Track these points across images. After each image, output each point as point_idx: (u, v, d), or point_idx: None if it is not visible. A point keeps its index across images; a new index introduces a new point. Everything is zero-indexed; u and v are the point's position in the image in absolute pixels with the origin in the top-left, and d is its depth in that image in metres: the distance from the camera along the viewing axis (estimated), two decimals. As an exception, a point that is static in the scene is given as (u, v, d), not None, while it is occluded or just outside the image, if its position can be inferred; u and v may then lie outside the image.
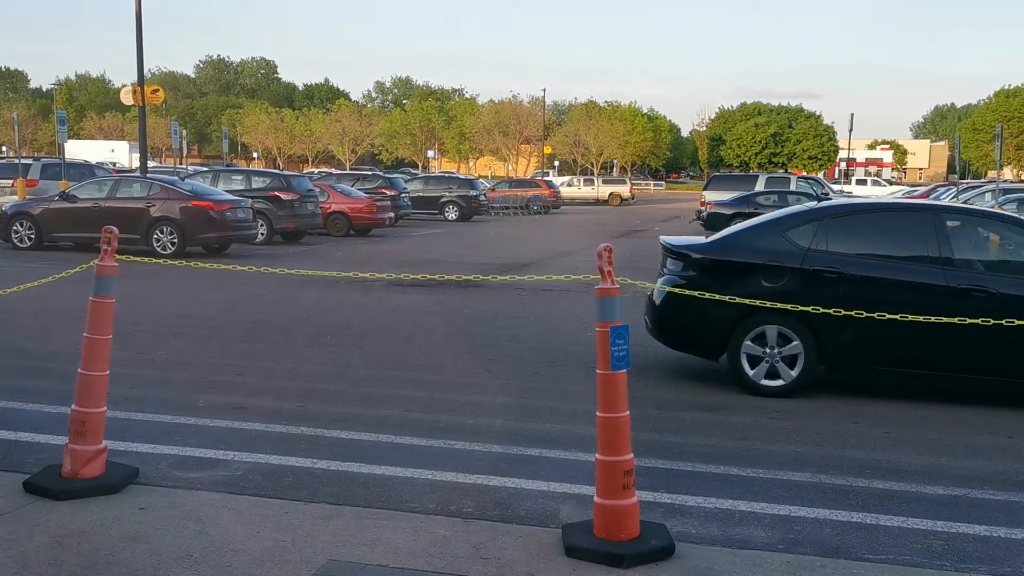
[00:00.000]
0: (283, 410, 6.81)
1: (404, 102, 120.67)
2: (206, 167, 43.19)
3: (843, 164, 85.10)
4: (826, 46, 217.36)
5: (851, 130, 72.57)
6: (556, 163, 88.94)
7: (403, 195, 32.79)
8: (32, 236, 19.53)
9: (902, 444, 6.33)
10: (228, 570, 4.01)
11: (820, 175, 76.37)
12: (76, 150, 62.41)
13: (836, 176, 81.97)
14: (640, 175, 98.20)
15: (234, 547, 4.25)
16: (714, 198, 29.48)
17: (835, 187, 43.38)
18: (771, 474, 5.60)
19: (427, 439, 6.16)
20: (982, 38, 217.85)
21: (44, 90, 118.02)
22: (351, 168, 75.84)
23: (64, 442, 5.02)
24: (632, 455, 4.28)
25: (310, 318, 11.37)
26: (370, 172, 41.19)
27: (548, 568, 4.10)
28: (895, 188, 55.57)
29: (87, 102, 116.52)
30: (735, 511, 4.96)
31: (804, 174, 58.36)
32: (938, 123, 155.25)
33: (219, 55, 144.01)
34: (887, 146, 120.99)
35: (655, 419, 6.71)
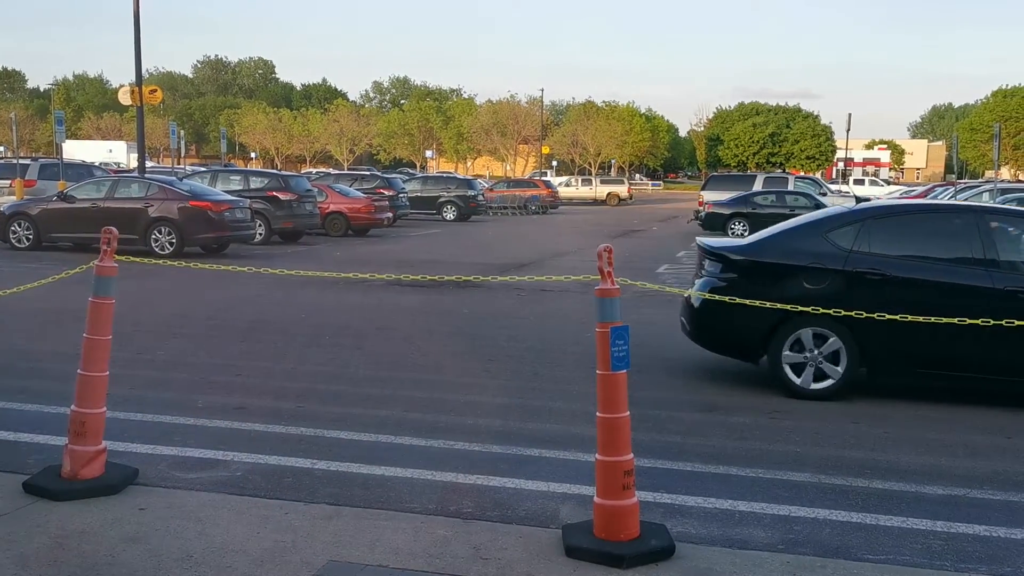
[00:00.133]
0: (282, 410, 6.81)
1: (402, 102, 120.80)
2: (204, 167, 43.17)
3: (841, 164, 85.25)
4: (824, 46, 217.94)
5: (848, 130, 72.77)
6: (554, 163, 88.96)
7: (401, 195, 32.78)
8: (30, 236, 19.53)
9: (902, 444, 6.34)
10: (228, 571, 4.01)
11: (818, 175, 76.38)
12: (74, 150, 62.46)
13: (834, 176, 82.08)
14: (638, 175, 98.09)
15: (234, 548, 4.24)
16: (712, 198, 29.49)
17: (833, 187, 43.36)
18: (771, 474, 5.60)
19: (427, 439, 6.16)
20: (980, 38, 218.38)
21: (42, 90, 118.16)
22: (349, 168, 75.84)
23: (64, 443, 5.02)
24: (632, 455, 4.29)
25: (309, 318, 11.37)
26: (368, 172, 41.17)
27: (548, 568, 4.10)
28: (893, 188, 55.56)
29: (85, 102, 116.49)
30: (735, 511, 4.97)
31: (802, 174, 58.51)
32: (936, 123, 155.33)
33: (217, 55, 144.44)
34: (885, 146, 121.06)
35: (655, 419, 6.72)
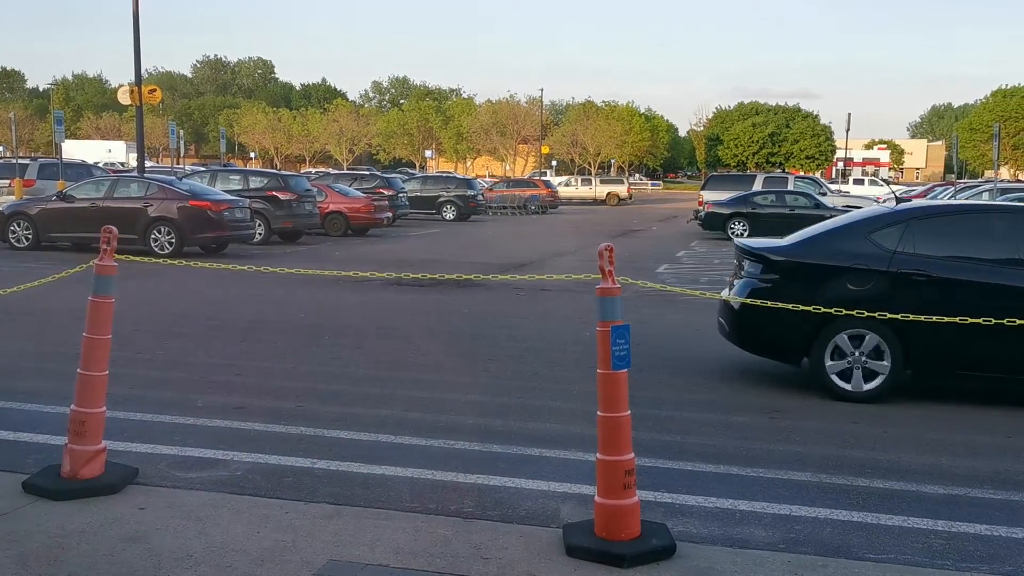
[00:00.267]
0: (282, 410, 6.80)
1: (401, 102, 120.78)
2: (203, 167, 43.14)
3: (840, 164, 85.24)
4: (823, 46, 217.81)
5: (848, 130, 72.86)
6: (554, 163, 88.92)
7: (401, 195, 32.77)
8: (29, 236, 19.52)
9: (902, 443, 6.33)
10: (228, 570, 4.00)
11: (817, 175, 76.39)
12: (73, 150, 62.44)
13: (833, 176, 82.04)
14: (638, 175, 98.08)
15: (234, 547, 4.24)
16: (712, 198, 29.49)
17: (832, 187, 43.36)
18: (772, 473, 5.60)
19: (427, 439, 6.15)
20: (980, 38, 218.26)
21: (41, 90, 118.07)
22: (349, 168, 75.83)
23: (63, 442, 5.01)
24: (633, 454, 4.28)
25: (309, 318, 11.36)
26: (368, 172, 41.17)
27: (549, 568, 4.10)
28: (892, 188, 55.57)
29: (84, 102, 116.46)
30: (736, 511, 4.96)
31: (801, 174, 58.50)
32: (935, 123, 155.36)
33: (216, 55, 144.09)
34: (884, 146, 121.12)
35: (656, 419, 6.71)
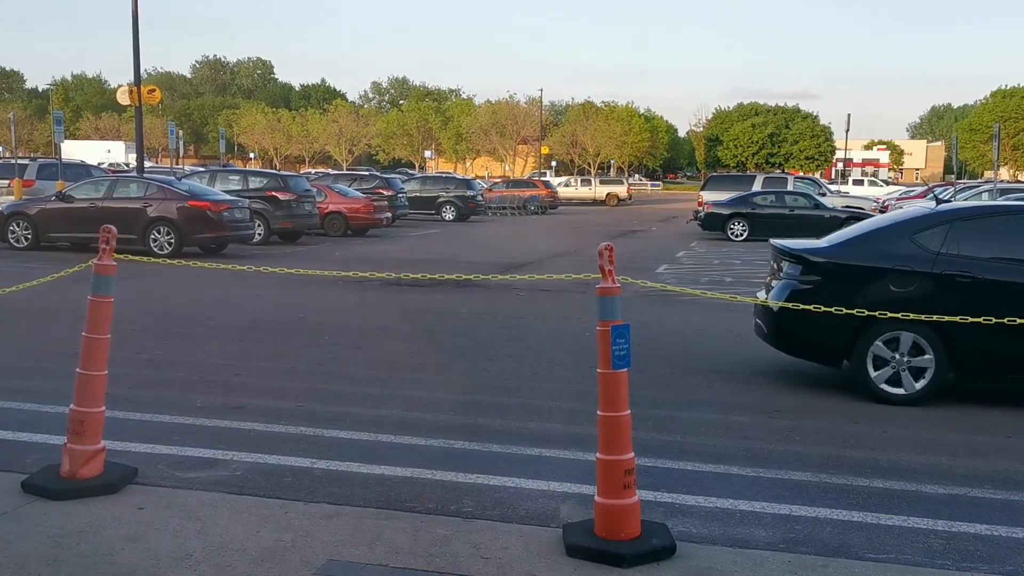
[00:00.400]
0: (282, 410, 6.80)
1: (401, 102, 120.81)
2: (203, 167, 43.15)
3: (840, 164, 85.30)
4: (823, 46, 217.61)
5: (848, 130, 72.98)
6: (553, 163, 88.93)
7: (400, 195, 32.77)
8: (29, 236, 19.52)
9: (902, 443, 6.33)
10: (228, 570, 4.00)
11: (817, 175, 76.41)
12: (72, 150, 62.39)
13: (833, 176, 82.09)
14: (637, 175, 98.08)
15: (233, 547, 4.23)
16: (711, 198, 29.49)
17: (832, 187, 43.37)
18: (772, 473, 5.59)
19: (426, 439, 6.15)
20: (980, 38, 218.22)
21: (40, 90, 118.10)
22: (348, 168, 75.86)
23: (62, 442, 5.00)
24: (633, 454, 4.28)
25: (308, 318, 11.36)
26: (367, 172, 41.15)
27: (549, 567, 4.09)
28: (892, 188, 55.59)
29: (83, 102, 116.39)
30: (736, 510, 4.96)
31: (801, 174, 58.51)
32: (935, 123, 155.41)
33: (215, 55, 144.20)
34: (884, 146, 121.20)
35: (656, 418, 6.70)
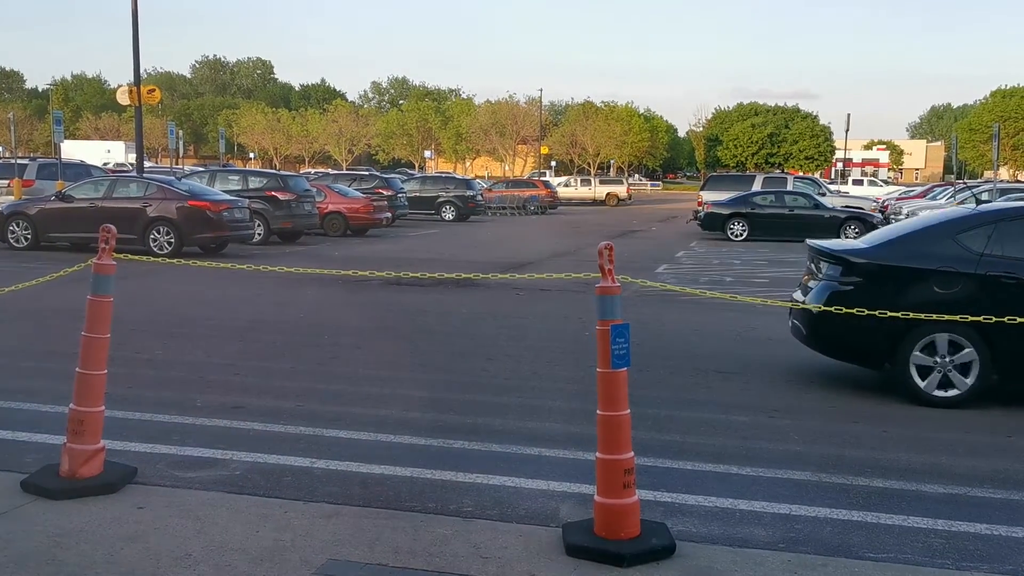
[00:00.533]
0: (281, 409, 6.80)
1: (401, 102, 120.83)
2: (202, 167, 43.13)
3: (839, 164, 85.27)
4: (823, 46, 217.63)
5: (847, 130, 72.96)
6: (553, 163, 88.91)
7: (400, 195, 32.76)
8: (28, 236, 19.51)
9: (902, 443, 6.33)
10: (227, 569, 4.00)
11: (816, 175, 76.40)
12: (72, 150, 62.34)
13: (832, 176, 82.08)
14: (637, 175, 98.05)
15: (233, 546, 4.23)
16: (711, 198, 29.49)
17: (832, 187, 43.37)
18: (771, 473, 5.59)
19: (426, 439, 6.15)
20: (980, 38, 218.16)
21: (40, 90, 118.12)
22: (348, 168, 75.84)
23: (62, 441, 5.00)
24: (632, 454, 4.27)
25: (308, 317, 11.36)
26: (367, 172, 41.14)
27: (549, 567, 4.09)
28: (891, 188, 55.61)
29: (83, 102, 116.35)
30: (736, 510, 4.96)
31: (801, 174, 58.50)
32: (934, 123, 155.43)
33: (215, 55, 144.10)
34: (883, 146, 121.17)
35: (655, 418, 6.70)
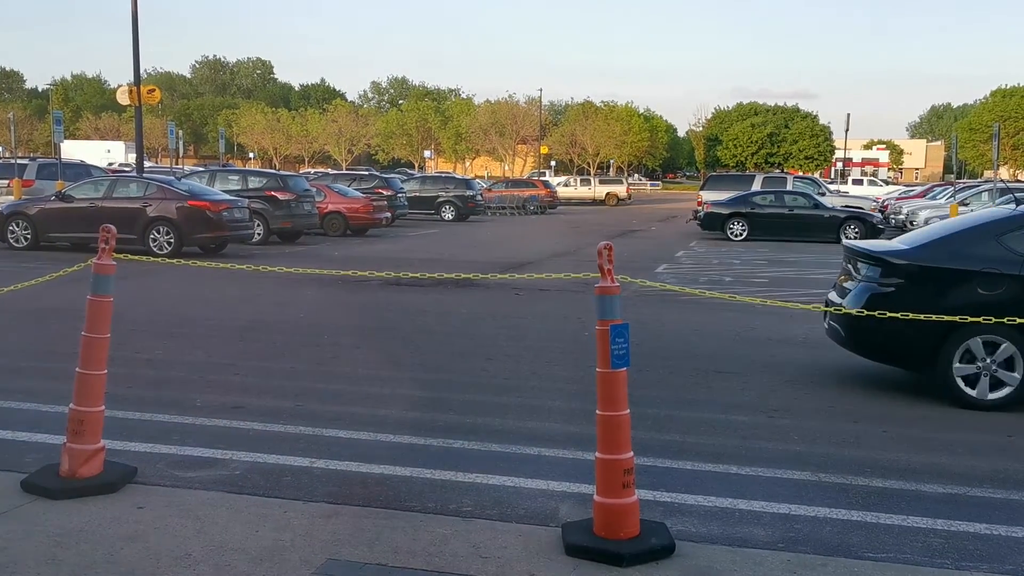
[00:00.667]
0: (281, 409, 6.80)
1: (400, 102, 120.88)
2: (202, 167, 43.12)
3: (839, 164, 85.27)
4: (823, 46, 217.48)
5: (847, 130, 72.99)
6: (552, 163, 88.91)
7: (400, 195, 32.76)
8: (28, 236, 19.50)
9: (902, 443, 6.33)
10: (227, 569, 4.00)
11: (816, 175, 76.40)
12: (72, 150, 62.37)
13: (832, 176, 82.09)
14: (637, 175, 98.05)
15: (233, 546, 4.23)
16: (711, 198, 29.49)
17: (831, 187, 43.40)
18: (771, 473, 5.59)
19: (426, 438, 6.15)
20: (979, 38, 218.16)
21: (40, 90, 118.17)
22: (347, 168, 75.87)
23: (62, 441, 5.00)
24: (632, 453, 4.28)
25: (307, 317, 11.35)
26: (367, 172, 41.13)
27: (548, 567, 4.09)
28: (891, 188, 55.62)
29: (83, 102, 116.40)
30: (735, 510, 4.96)
31: (800, 174, 58.51)
32: (934, 123, 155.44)
33: (215, 55, 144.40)
34: (883, 146, 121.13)
35: (655, 418, 6.70)
